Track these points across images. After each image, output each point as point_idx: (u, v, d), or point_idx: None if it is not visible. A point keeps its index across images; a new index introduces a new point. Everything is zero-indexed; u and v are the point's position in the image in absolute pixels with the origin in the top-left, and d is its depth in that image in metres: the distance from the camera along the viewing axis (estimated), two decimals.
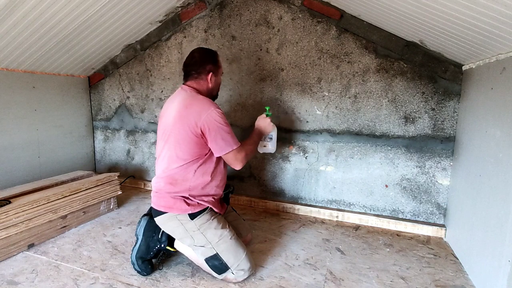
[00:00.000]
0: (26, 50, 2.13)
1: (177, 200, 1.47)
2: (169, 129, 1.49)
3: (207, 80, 1.58)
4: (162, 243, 1.53)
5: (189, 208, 1.46)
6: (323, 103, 2.18)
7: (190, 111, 1.44)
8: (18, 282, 1.43)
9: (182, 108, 1.46)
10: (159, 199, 1.51)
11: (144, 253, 1.51)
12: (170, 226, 1.49)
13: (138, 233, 1.55)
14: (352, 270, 1.58)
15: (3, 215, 1.59)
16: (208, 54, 1.61)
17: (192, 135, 1.44)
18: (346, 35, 2.07)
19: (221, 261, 1.44)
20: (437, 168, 1.97)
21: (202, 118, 1.42)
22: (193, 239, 1.46)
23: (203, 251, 1.45)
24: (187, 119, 1.43)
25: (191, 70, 1.58)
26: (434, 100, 1.93)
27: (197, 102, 1.47)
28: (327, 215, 2.22)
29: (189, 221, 1.46)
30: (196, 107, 1.45)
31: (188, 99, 1.49)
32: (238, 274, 1.45)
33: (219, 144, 1.46)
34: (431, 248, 1.82)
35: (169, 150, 1.49)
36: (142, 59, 2.70)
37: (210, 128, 1.43)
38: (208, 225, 1.48)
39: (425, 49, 1.90)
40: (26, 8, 1.75)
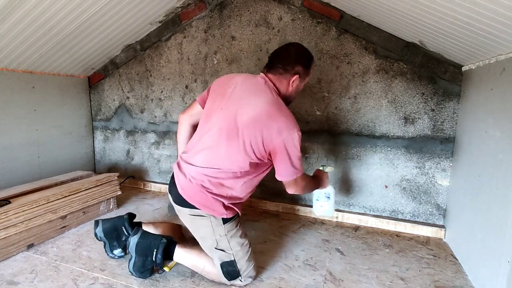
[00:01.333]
0: (26, 50, 2.13)
1: (216, 202, 1.36)
2: (238, 130, 1.31)
3: (289, 82, 1.41)
4: (158, 265, 1.43)
5: (226, 212, 1.38)
6: (323, 103, 2.18)
7: (272, 123, 1.27)
8: (17, 282, 1.43)
9: (266, 116, 1.28)
10: (195, 194, 1.37)
11: (140, 267, 1.43)
12: (198, 224, 1.41)
13: (131, 251, 1.44)
14: (352, 271, 1.58)
15: (2, 215, 1.59)
16: (304, 55, 1.45)
17: (261, 149, 1.30)
18: (346, 36, 2.07)
19: (235, 268, 1.40)
20: (437, 169, 1.97)
21: (282, 137, 1.27)
22: (216, 242, 1.39)
23: (222, 255, 1.39)
24: (265, 131, 1.27)
25: (278, 63, 1.40)
26: (434, 101, 1.93)
27: (282, 117, 1.29)
28: None
29: (221, 225, 1.38)
30: (279, 123, 1.28)
31: (274, 108, 1.31)
32: (245, 281, 1.43)
33: (287, 170, 1.34)
34: (431, 249, 1.82)
35: (231, 153, 1.33)
36: (142, 60, 2.70)
37: (285, 149, 1.29)
38: (234, 232, 1.42)
39: (424, 50, 1.90)
40: (26, 8, 1.75)
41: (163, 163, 2.78)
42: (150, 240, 1.43)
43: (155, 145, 2.79)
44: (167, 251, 1.44)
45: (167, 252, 1.43)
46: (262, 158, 1.35)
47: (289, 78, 1.40)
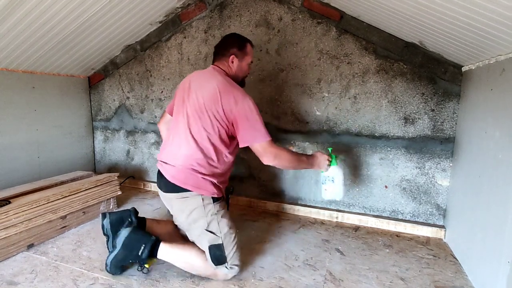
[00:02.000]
0: (26, 50, 2.13)
1: (207, 182, 1.47)
2: (202, 110, 1.47)
3: (228, 63, 1.61)
4: (142, 261, 1.46)
5: (216, 191, 1.50)
6: (323, 104, 2.18)
7: (228, 96, 1.45)
8: (17, 283, 1.43)
9: (222, 91, 1.46)
10: (187, 177, 1.46)
11: (120, 262, 1.47)
12: (189, 206, 1.47)
13: (117, 243, 1.46)
14: (352, 271, 1.58)
15: (2, 215, 1.59)
16: (236, 38, 1.66)
17: (226, 121, 1.46)
18: (346, 36, 2.07)
19: (223, 253, 1.45)
20: (437, 169, 1.97)
21: (238, 106, 1.44)
22: (206, 224, 1.46)
23: (211, 238, 1.45)
24: (224, 102, 1.44)
25: (218, 52, 1.65)
26: (434, 101, 1.93)
27: (234, 89, 1.49)
28: (326, 215, 2.22)
29: (211, 203, 1.48)
30: (233, 94, 1.46)
31: (226, 84, 1.49)
32: (231, 270, 1.47)
33: (250, 134, 1.46)
34: (431, 249, 1.82)
35: (206, 128, 1.46)
36: (142, 60, 2.70)
37: (244, 116, 1.44)
38: (223, 213, 1.51)
39: (424, 50, 1.90)
40: (26, 8, 1.75)
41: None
42: (140, 236, 1.47)
43: (155, 145, 2.79)
44: (153, 249, 1.47)
45: (152, 250, 1.47)
46: (228, 131, 1.49)
47: (227, 59, 1.62)
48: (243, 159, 2.47)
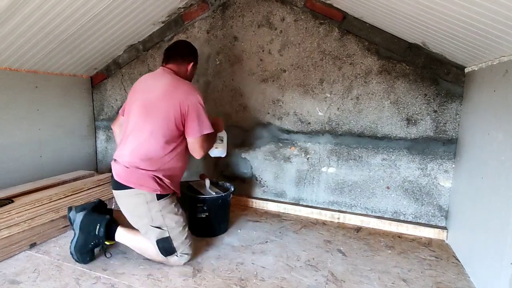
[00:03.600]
0: (29, 50, 2.13)
1: (150, 179, 1.51)
2: (152, 105, 1.54)
3: (186, 68, 1.72)
4: (100, 239, 1.55)
5: (160, 188, 1.52)
6: (325, 104, 2.18)
7: (177, 91, 1.55)
8: (20, 282, 1.43)
9: (170, 88, 1.56)
10: (130, 174, 1.52)
11: (82, 246, 1.54)
12: (133, 202, 1.53)
13: (75, 228, 1.56)
14: (354, 272, 1.58)
15: (5, 214, 1.60)
16: (193, 48, 1.79)
17: (175, 114, 1.51)
18: (349, 37, 2.07)
19: (171, 245, 1.53)
20: (439, 170, 1.97)
21: (188, 100, 1.52)
22: (151, 219, 1.52)
23: (158, 233, 1.52)
24: (173, 99, 1.52)
25: (176, 55, 1.71)
26: (436, 102, 1.93)
27: (184, 85, 1.59)
28: (328, 216, 2.22)
29: (155, 200, 1.51)
30: (183, 89, 1.57)
31: (175, 81, 1.60)
32: (181, 258, 1.56)
33: (196, 126, 1.54)
34: (433, 250, 1.82)
35: (152, 125, 1.52)
36: (144, 60, 2.71)
37: (193, 109, 1.53)
38: (170, 209, 1.55)
39: (427, 51, 1.90)
40: (30, 8, 1.75)
41: None
42: (95, 217, 1.57)
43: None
44: (109, 230, 1.57)
45: (109, 231, 1.57)
46: (177, 126, 1.54)
47: (186, 65, 1.72)
48: (244, 159, 2.47)
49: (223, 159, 2.54)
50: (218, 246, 1.81)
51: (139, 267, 1.56)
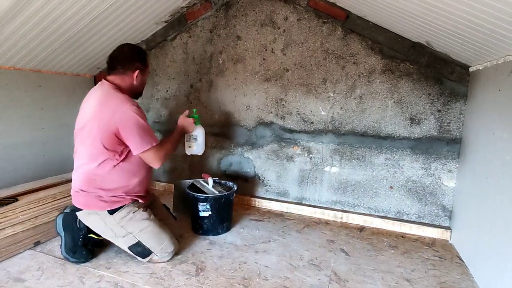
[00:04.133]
0: (32, 49, 2.14)
1: (93, 198, 1.51)
2: (84, 127, 1.49)
3: (132, 77, 1.57)
4: (82, 230, 1.60)
5: (106, 205, 1.52)
6: (328, 104, 2.18)
7: (104, 109, 1.44)
8: (24, 279, 1.44)
9: (97, 106, 1.46)
10: (77, 197, 1.55)
11: (71, 245, 1.57)
12: (90, 221, 1.56)
13: (59, 232, 1.60)
14: (357, 272, 1.57)
15: (10, 213, 1.61)
16: (138, 52, 1.62)
17: (107, 133, 1.43)
18: (352, 36, 2.06)
19: (144, 247, 1.54)
20: (443, 170, 1.96)
21: (117, 116, 1.42)
22: (113, 232, 1.54)
23: (125, 241, 1.54)
24: (101, 117, 1.43)
25: (117, 65, 1.56)
26: (440, 102, 1.92)
27: (112, 100, 1.46)
28: (331, 216, 2.21)
29: (108, 216, 1.52)
30: (111, 105, 1.44)
31: (103, 97, 1.48)
32: (162, 256, 1.57)
33: (137, 142, 1.46)
34: (436, 251, 1.81)
35: (85, 148, 1.50)
36: None
37: (125, 125, 1.43)
38: (128, 218, 1.54)
39: (431, 50, 1.89)
40: (34, 8, 1.76)
41: (167, 162, 2.78)
42: (73, 214, 1.59)
43: None
44: None
45: None
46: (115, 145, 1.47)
47: (131, 74, 1.57)
48: (247, 158, 2.47)
49: (226, 159, 2.54)
50: (221, 245, 1.81)
51: (142, 266, 1.57)
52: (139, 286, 1.41)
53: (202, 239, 1.87)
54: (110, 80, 1.56)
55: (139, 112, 1.47)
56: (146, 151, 1.48)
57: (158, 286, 1.41)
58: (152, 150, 1.50)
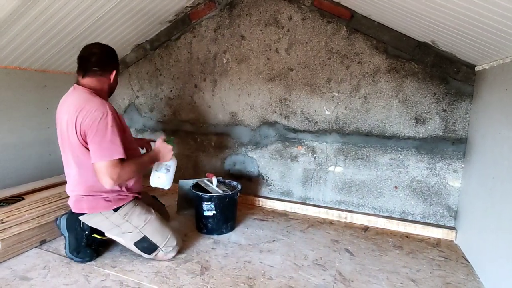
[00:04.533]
0: (38, 49, 2.15)
1: (99, 200, 1.51)
2: (64, 135, 1.46)
3: (109, 78, 1.54)
4: (86, 230, 1.61)
5: (112, 204, 1.53)
6: (333, 103, 2.17)
7: (78, 115, 1.38)
8: (30, 278, 1.45)
9: (72, 112, 1.39)
10: (80, 203, 1.53)
11: (75, 245, 1.59)
12: (95, 222, 1.56)
13: (63, 232, 1.61)
14: (362, 272, 1.57)
15: (16, 211, 1.62)
16: (112, 52, 1.56)
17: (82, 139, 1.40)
18: (357, 35, 2.06)
19: (150, 242, 1.55)
20: (448, 170, 1.95)
21: (87, 121, 1.36)
22: (120, 228, 1.55)
23: (131, 237, 1.55)
24: (78, 124, 1.38)
25: (93, 67, 1.47)
26: (446, 101, 1.91)
27: (87, 106, 1.38)
28: (335, 216, 2.21)
29: (112, 213, 1.54)
30: (84, 111, 1.37)
31: (77, 102, 1.41)
32: (167, 250, 1.59)
33: (95, 150, 1.35)
34: (442, 251, 1.80)
35: (71, 156, 1.46)
36: (151, 59, 2.72)
37: (90, 131, 1.36)
38: (132, 212, 1.56)
39: (437, 50, 1.88)
40: (39, 9, 1.77)
41: None
42: (76, 216, 1.59)
43: None
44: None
45: None
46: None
47: (109, 75, 1.53)
48: (251, 158, 2.47)
49: (230, 158, 2.54)
50: (225, 244, 1.81)
51: (147, 264, 1.58)
52: (144, 285, 1.41)
53: (206, 238, 1.87)
54: (85, 83, 1.48)
55: (112, 120, 1.37)
56: (99, 163, 1.35)
57: (163, 285, 1.41)
58: (107, 164, 1.34)
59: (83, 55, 1.50)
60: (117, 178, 1.36)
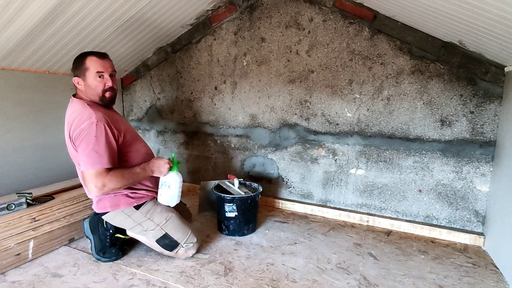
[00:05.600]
0: (66, 54, 2.23)
1: (121, 197, 1.57)
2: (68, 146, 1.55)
3: (77, 86, 1.57)
4: (110, 230, 1.66)
5: (134, 200, 1.59)
6: (354, 105, 2.15)
7: (71, 127, 1.47)
8: (61, 275, 1.50)
9: (67, 125, 1.50)
10: (103, 203, 1.58)
11: (100, 246, 1.64)
12: (118, 220, 1.61)
13: (88, 235, 1.67)
14: (387, 276, 1.54)
15: (47, 210, 1.69)
16: (75, 59, 1.58)
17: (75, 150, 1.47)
18: (379, 36, 2.03)
19: (171, 239, 1.60)
20: (476, 173, 1.89)
21: (75, 131, 1.43)
22: (142, 226, 1.60)
23: (154, 234, 1.59)
24: (70, 135, 1.48)
25: None
26: (473, 103, 1.86)
27: (77, 117, 1.45)
28: (357, 219, 2.18)
29: (134, 211, 1.59)
30: (74, 122, 1.45)
31: (70, 114, 1.51)
32: (187, 247, 1.63)
33: (82, 159, 1.40)
34: (469, 257, 1.75)
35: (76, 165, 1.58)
36: (172, 62, 2.77)
37: (78, 141, 1.42)
38: (153, 210, 1.62)
39: (464, 50, 1.83)
40: (66, 16, 1.82)
41: (191, 162, 2.83)
42: (98, 217, 1.65)
43: (184, 145, 2.85)
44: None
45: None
46: None
47: (75, 84, 1.57)
48: (271, 160, 2.47)
49: (250, 160, 2.55)
50: (247, 245, 1.82)
51: (171, 264, 1.61)
52: (170, 284, 1.44)
53: (228, 240, 1.89)
54: (77, 93, 1.61)
55: (97, 130, 1.40)
56: (85, 171, 1.40)
57: (188, 285, 1.44)
58: (92, 173, 1.38)
59: None
60: (101, 186, 1.40)
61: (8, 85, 2.08)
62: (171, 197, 1.62)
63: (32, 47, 1.99)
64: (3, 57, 1.96)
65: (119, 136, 1.53)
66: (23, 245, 1.57)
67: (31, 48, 1.99)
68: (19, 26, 1.74)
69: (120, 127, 1.56)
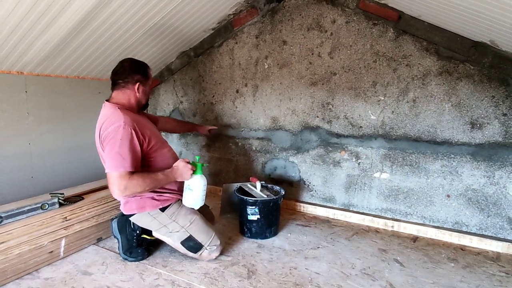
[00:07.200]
0: (94, 60, 2.32)
1: (146, 200, 1.61)
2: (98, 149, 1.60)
3: (134, 90, 1.63)
4: (137, 230, 1.71)
5: (159, 203, 1.63)
6: (378, 107, 2.11)
7: (100, 130, 1.52)
8: (91, 273, 1.56)
9: (97, 128, 1.55)
10: (130, 204, 1.63)
11: (127, 246, 1.68)
12: (145, 221, 1.66)
13: (116, 235, 1.71)
14: (414, 284, 1.50)
15: (78, 210, 1.75)
16: (137, 65, 1.67)
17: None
18: (405, 37, 1.98)
19: (195, 241, 1.62)
20: (509, 178, 1.81)
21: (104, 134, 1.49)
22: (167, 228, 1.63)
23: (179, 236, 1.62)
24: (100, 138, 1.53)
25: (118, 79, 1.62)
26: (506, 105, 1.78)
27: (106, 120, 1.51)
28: (381, 224, 2.13)
29: (160, 214, 1.63)
30: (104, 125, 1.50)
31: (101, 118, 1.56)
32: (211, 250, 1.64)
33: (107, 161, 1.46)
34: (502, 266, 1.67)
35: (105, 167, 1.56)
36: (195, 65, 2.82)
37: (105, 141, 1.48)
38: (178, 212, 1.65)
39: (496, 50, 1.76)
40: (96, 24, 1.90)
41: (213, 165, 2.87)
42: (126, 218, 1.70)
43: (206, 147, 2.89)
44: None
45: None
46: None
47: (132, 87, 1.62)
48: (292, 163, 2.46)
49: (271, 163, 2.55)
50: (269, 249, 1.82)
51: (195, 266, 1.63)
52: (195, 285, 1.46)
53: (250, 242, 1.90)
54: (113, 97, 1.65)
55: (123, 133, 1.45)
56: (109, 173, 1.45)
57: (213, 286, 1.45)
58: (116, 175, 1.43)
59: (113, 69, 1.66)
60: (124, 189, 1.43)
61: (42, 91, 2.19)
62: (195, 200, 1.65)
63: (64, 54, 2.08)
64: (37, 64, 2.06)
65: (144, 142, 1.56)
66: (55, 243, 1.64)
67: (62, 55, 2.08)
68: (53, 33, 1.82)
69: (146, 132, 1.59)
